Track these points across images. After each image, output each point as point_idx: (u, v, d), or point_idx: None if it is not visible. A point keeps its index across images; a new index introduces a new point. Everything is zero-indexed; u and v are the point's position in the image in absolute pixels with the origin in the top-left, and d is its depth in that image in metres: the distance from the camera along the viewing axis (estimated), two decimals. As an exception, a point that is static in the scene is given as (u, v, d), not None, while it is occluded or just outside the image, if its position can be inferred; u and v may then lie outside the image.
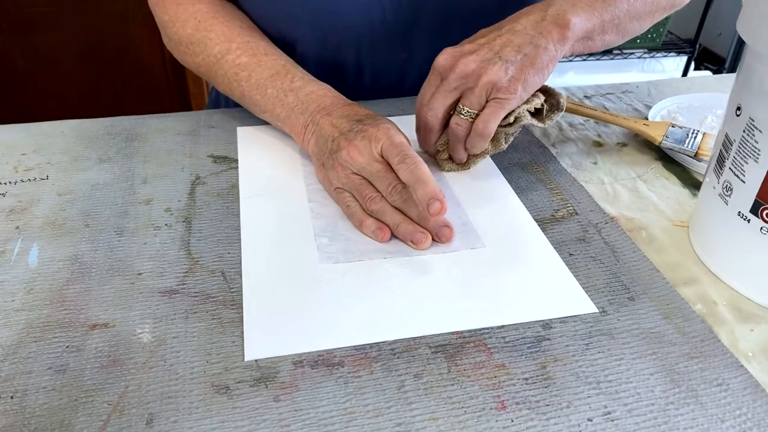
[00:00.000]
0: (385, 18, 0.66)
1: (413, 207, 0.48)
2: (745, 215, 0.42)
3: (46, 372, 0.37)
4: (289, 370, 0.38)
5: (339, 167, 0.51)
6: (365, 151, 0.50)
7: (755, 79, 0.40)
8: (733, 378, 0.38)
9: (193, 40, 0.63)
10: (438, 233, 0.48)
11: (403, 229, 0.48)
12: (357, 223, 0.50)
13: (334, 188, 0.52)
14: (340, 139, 0.52)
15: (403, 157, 0.48)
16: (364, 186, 0.50)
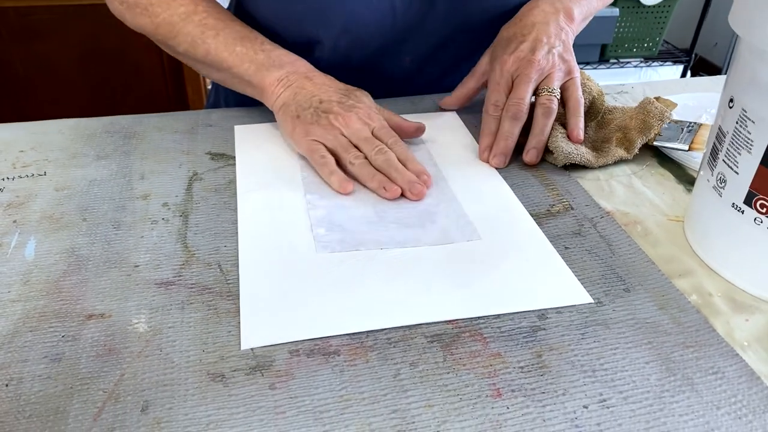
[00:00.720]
0: (396, 22, 0.67)
1: (396, 170, 0.53)
2: (739, 206, 0.43)
3: (41, 360, 0.37)
4: (285, 359, 0.38)
5: (329, 126, 0.55)
6: (360, 122, 0.55)
7: (747, 71, 0.41)
8: (728, 366, 0.38)
9: (153, 1, 0.63)
10: (410, 189, 0.52)
11: (378, 178, 0.53)
12: (327, 172, 0.53)
13: (311, 139, 0.55)
14: (332, 103, 0.56)
15: (396, 140, 0.56)
16: (351, 147, 0.55)
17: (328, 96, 0.57)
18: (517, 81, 0.59)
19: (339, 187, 0.52)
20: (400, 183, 0.52)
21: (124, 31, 1.78)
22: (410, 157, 0.55)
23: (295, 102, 0.57)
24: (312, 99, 0.57)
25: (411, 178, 0.53)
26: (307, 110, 0.56)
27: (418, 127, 0.61)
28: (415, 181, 0.52)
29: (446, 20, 0.68)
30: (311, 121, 0.55)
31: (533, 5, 0.64)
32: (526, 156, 0.58)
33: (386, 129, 0.57)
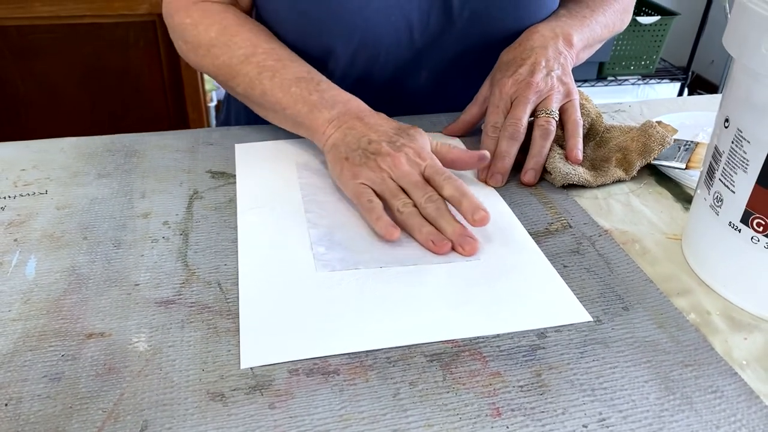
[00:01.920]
0: (413, 38, 0.68)
1: (446, 221, 0.50)
2: (736, 225, 0.43)
3: (41, 380, 0.37)
4: (284, 378, 0.38)
5: (377, 169, 0.52)
6: (410, 164, 0.53)
7: (742, 91, 0.41)
8: (727, 385, 0.38)
9: (216, 42, 0.64)
10: (462, 243, 0.49)
11: (427, 230, 0.49)
12: (374, 217, 0.50)
13: (359, 182, 0.52)
14: (382, 143, 0.53)
15: (448, 176, 0.52)
16: (400, 192, 0.52)
17: (378, 136, 0.54)
18: (515, 102, 0.60)
19: (385, 233, 0.49)
20: (450, 235, 0.49)
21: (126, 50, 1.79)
22: (465, 192, 0.51)
23: (345, 143, 0.55)
24: (361, 140, 0.54)
25: (464, 231, 0.49)
26: (356, 151, 0.54)
27: (481, 156, 0.57)
28: (466, 235, 0.49)
29: (464, 38, 0.69)
30: (359, 163, 0.53)
31: (533, 30, 0.65)
32: (524, 177, 0.59)
33: (438, 168, 0.53)
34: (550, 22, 0.67)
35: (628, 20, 0.76)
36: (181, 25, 0.66)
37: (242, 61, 0.62)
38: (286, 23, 0.68)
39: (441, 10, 0.66)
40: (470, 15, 0.67)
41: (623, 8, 0.74)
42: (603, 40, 0.72)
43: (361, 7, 0.64)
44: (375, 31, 0.66)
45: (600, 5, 0.71)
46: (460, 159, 0.57)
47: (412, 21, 0.66)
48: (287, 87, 0.60)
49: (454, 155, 0.57)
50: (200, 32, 0.65)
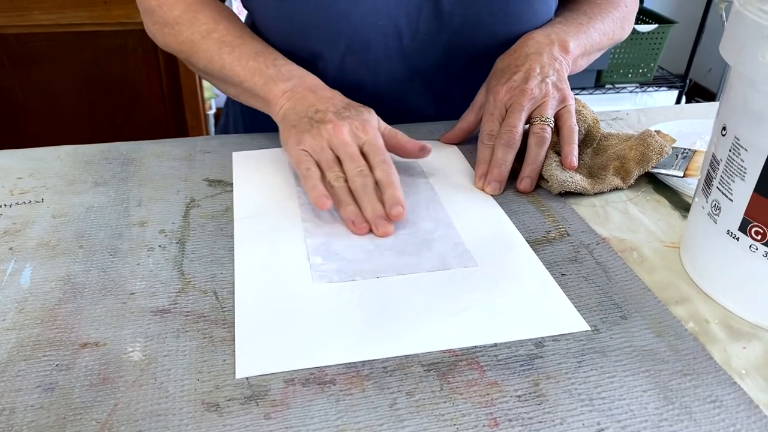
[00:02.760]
0: (402, 43, 0.68)
1: (368, 199, 0.52)
2: (734, 233, 0.43)
3: (34, 390, 0.37)
4: (280, 388, 0.37)
5: (318, 135, 0.54)
6: (350, 135, 0.55)
7: (739, 100, 0.41)
8: (726, 395, 0.38)
9: (179, 20, 0.65)
10: (376, 224, 0.51)
11: (351, 209, 0.52)
12: (310, 185, 0.52)
13: (300, 149, 0.55)
14: (327, 113, 0.55)
15: (383, 159, 0.54)
16: (335, 164, 0.54)
17: (326, 106, 0.57)
18: (510, 110, 0.60)
19: (315, 202, 0.52)
20: (368, 215, 0.51)
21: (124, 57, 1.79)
22: (392, 181, 0.53)
23: (294, 112, 0.57)
24: (309, 109, 0.57)
25: (380, 213, 0.51)
26: (303, 119, 0.56)
27: (423, 146, 0.59)
28: (382, 216, 0.51)
29: (455, 45, 0.69)
30: (303, 130, 0.55)
31: (528, 37, 0.65)
32: (520, 184, 0.59)
33: (377, 146, 0.55)
34: (545, 29, 0.67)
35: (629, 29, 0.76)
36: (149, 7, 0.68)
37: (204, 36, 0.64)
38: (274, 27, 0.68)
39: (431, 16, 0.66)
40: (460, 21, 0.67)
41: (623, 17, 0.73)
42: (602, 48, 0.72)
43: (348, 11, 0.64)
44: (362, 36, 0.66)
45: (598, 13, 0.71)
46: (401, 146, 0.58)
47: (401, 27, 0.67)
48: (245, 61, 0.62)
49: (398, 140, 0.58)
50: (165, 12, 0.66)
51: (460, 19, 0.67)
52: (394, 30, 0.66)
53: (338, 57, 0.68)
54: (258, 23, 0.70)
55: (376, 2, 0.64)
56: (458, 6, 0.66)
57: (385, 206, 0.52)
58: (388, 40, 0.67)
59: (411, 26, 0.67)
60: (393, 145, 0.58)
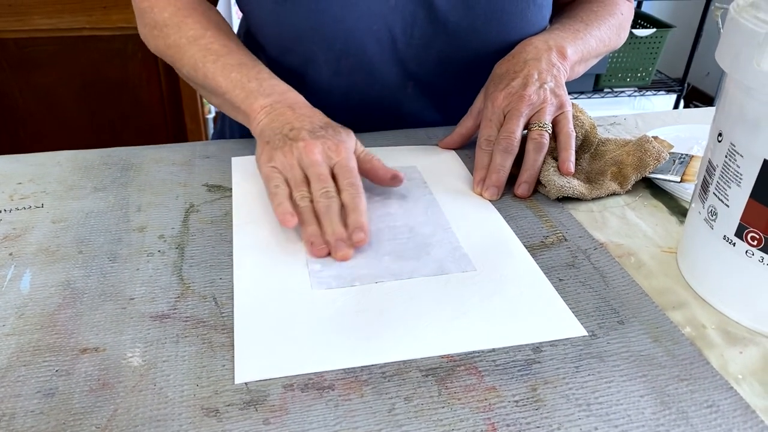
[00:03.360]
0: (397, 48, 0.68)
1: (330, 221, 0.50)
2: (731, 239, 0.43)
3: (34, 396, 0.37)
4: (279, 394, 0.38)
5: (289, 153, 0.53)
6: (321, 154, 0.53)
7: (735, 106, 0.42)
8: (723, 400, 0.38)
9: (168, 23, 0.65)
10: (336, 247, 0.49)
11: (312, 230, 0.50)
12: (276, 203, 0.52)
13: (271, 165, 0.54)
14: (302, 131, 0.55)
15: (351, 183, 0.53)
16: (303, 183, 0.53)
17: (301, 124, 0.56)
18: (508, 115, 0.60)
19: (280, 219, 0.50)
20: (329, 237, 0.50)
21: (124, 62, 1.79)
22: (357, 206, 0.51)
23: (270, 128, 0.57)
24: (285, 126, 0.56)
25: (341, 235, 0.49)
26: (277, 136, 0.55)
27: (395, 175, 0.57)
28: (342, 239, 0.49)
29: (449, 50, 0.69)
30: (276, 147, 0.54)
31: (527, 43, 0.65)
32: (517, 190, 0.59)
33: (347, 168, 0.53)
34: (543, 35, 0.67)
35: (624, 36, 0.77)
36: (140, 9, 0.68)
37: (190, 42, 0.63)
38: (270, 30, 0.68)
39: (425, 22, 0.67)
40: (455, 28, 0.67)
41: (619, 24, 0.74)
42: (599, 54, 0.73)
43: (342, 16, 0.64)
44: (357, 40, 0.66)
45: (594, 20, 0.71)
46: (374, 171, 0.57)
47: (396, 32, 0.67)
48: (228, 72, 0.61)
49: (371, 165, 0.57)
50: (155, 13, 0.66)
51: (455, 26, 0.67)
52: (389, 35, 0.67)
53: (333, 61, 0.68)
54: (253, 26, 0.70)
55: (371, 7, 0.64)
56: (452, 13, 0.66)
57: (347, 230, 0.50)
58: (383, 45, 0.68)
59: (406, 32, 0.67)
60: (366, 169, 0.57)
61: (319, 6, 0.63)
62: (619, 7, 0.75)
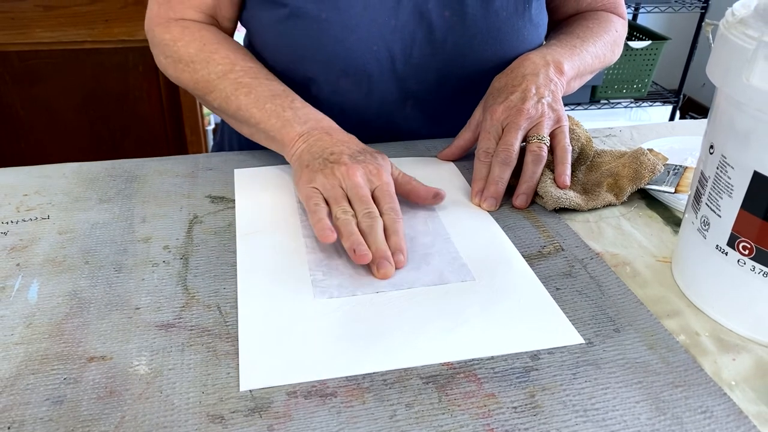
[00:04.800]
0: (395, 68, 0.70)
1: (375, 239, 0.51)
2: (723, 248, 0.44)
3: (43, 403, 0.38)
4: (283, 401, 0.38)
5: (331, 176, 0.55)
6: (362, 178, 0.55)
7: (725, 119, 0.43)
8: (716, 406, 0.39)
9: (195, 58, 0.66)
10: (378, 264, 0.50)
11: (355, 238, 0.50)
12: (315, 219, 0.53)
13: (311, 186, 0.55)
14: (343, 155, 0.56)
15: (392, 207, 0.54)
16: (344, 200, 0.54)
17: (341, 149, 0.57)
18: (507, 128, 0.61)
19: (320, 235, 0.51)
20: (373, 251, 0.50)
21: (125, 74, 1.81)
22: (398, 230, 0.52)
23: (309, 153, 0.58)
24: (324, 150, 0.57)
25: (385, 254, 0.50)
26: (317, 160, 0.57)
27: (437, 193, 0.59)
28: (386, 258, 0.50)
29: (447, 69, 0.71)
30: (317, 170, 0.56)
31: (525, 57, 0.67)
32: (516, 201, 0.60)
33: (388, 193, 0.55)
34: (541, 50, 0.69)
35: (619, 53, 0.78)
36: (162, 40, 0.69)
37: (220, 76, 0.65)
38: (272, 49, 0.70)
39: (424, 42, 0.68)
40: (453, 48, 0.68)
41: (613, 41, 0.76)
42: (594, 70, 0.74)
43: (343, 36, 0.66)
44: (357, 60, 0.68)
45: (590, 36, 0.73)
46: (415, 192, 0.59)
47: (395, 52, 0.68)
48: (262, 103, 0.63)
49: (411, 187, 0.59)
50: (179, 48, 0.67)
51: (453, 46, 0.68)
52: (388, 55, 0.68)
53: (333, 80, 0.70)
54: (256, 44, 0.72)
55: (371, 29, 0.66)
56: (451, 33, 0.67)
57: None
58: (382, 65, 0.69)
59: (405, 52, 0.68)
60: (407, 191, 0.58)
61: (320, 26, 0.65)
62: (613, 24, 0.77)
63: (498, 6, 0.67)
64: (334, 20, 0.65)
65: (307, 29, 0.65)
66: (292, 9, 0.65)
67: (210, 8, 0.70)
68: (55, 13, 1.59)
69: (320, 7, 0.64)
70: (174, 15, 0.69)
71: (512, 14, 0.68)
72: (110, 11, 1.61)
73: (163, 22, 0.69)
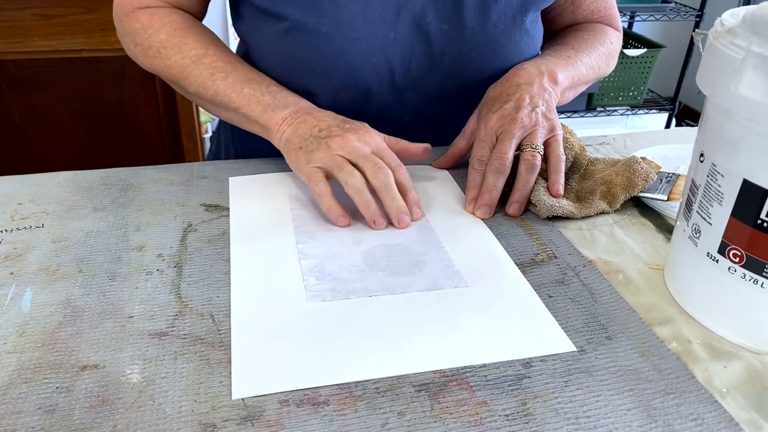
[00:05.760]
0: (394, 80, 0.70)
1: (392, 196, 0.56)
2: (714, 256, 0.44)
3: (35, 412, 0.38)
4: (275, 409, 0.38)
5: (327, 149, 0.58)
6: (359, 141, 0.58)
7: (715, 128, 0.43)
8: (708, 413, 0.39)
9: (166, 44, 0.67)
10: (399, 219, 0.57)
11: (372, 210, 0.56)
12: (325, 206, 0.56)
13: (311, 165, 0.58)
14: (332, 128, 0.59)
15: (399, 163, 0.59)
16: (346, 164, 0.57)
17: (328, 124, 0.60)
18: (501, 137, 0.62)
19: (334, 222, 0.56)
20: (392, 211, 0.56)
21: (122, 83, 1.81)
22: (411, 186, 0.58)
23: (297, 135, 0.60)
24: (312, 129, 0.60)
25: (403, 208, 0.56)
26: (308, 140, 0.59)
27: (426, 148, 0.64)
28: (405, 212, 0.56)
29: (445, 81, 0.71)
30: (312, 149, 0.58)
31: (519, 67, 0.67)
32: (509, 209, 0.60)
33: (387, 151, 0.59)
34: (536, 60, 0.69)
35: (613, 65, 0.79)
36: (131, 29, 0.69)
37: (194, 61, 0.66)
38: (271, 61, 0.70)
39: (422, 54, 0.68)
40: (451, 60, 0.69)
41: (608, 52, 0.76)
42: (588, 81, 0.74)
43: (343, 50, 0.66)
44: (356, 73, 0.68)
45: (585, 47, 0.73)
46: (407, 150, 0.63)
47: (394, 64, 0.69)
48: (240, 88, 0.64)
49: (402, 146, 0.63)
50: (150, 35, 0.68)
51: (450, 58, 0.69)
52: (387, 67, 0.69)
53: (332, 92, 0.70)
54: (253, 56, 0.72)
55: (371, 42, 0.66)
56: (449, 46, 0.68)
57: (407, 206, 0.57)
58: (381, 77, 0.69)
59: (404, 64, 0.69)
60: (399, 149, 0.62)
61: (320, 40, 0.65)
62: (608, 36, 0.77)
63: (495, 19, 0.67)
64: (335, 34, 0.65)
65: (307, 43, 0.66)
66: (292, 22, 0.65)
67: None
68: (52, 22, 1.59)
69: (321, 21, 0.64)
70: (139, 3, 0.69)
71: (509, 27, 0.68)
72: (107, 20, 1.61)
73: (129, 11, 0.69)
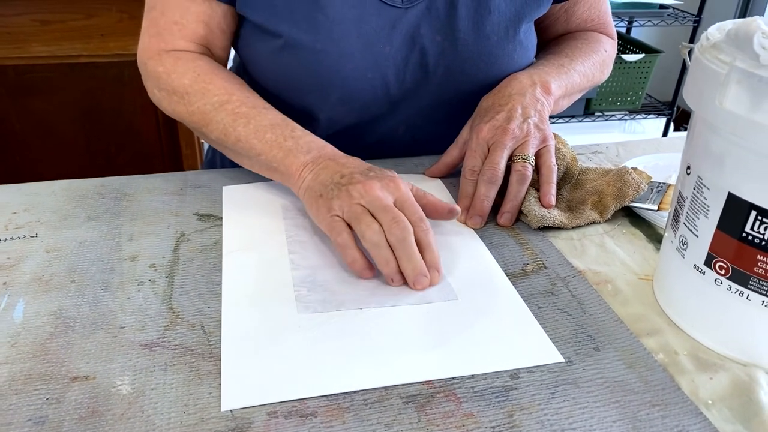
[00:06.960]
0: (389, 94, 0.70)
1: (408, 257, 0.50)
2: (700, 268, 0.45)
3: (25, 424, 0.38)
4: (263, 421, 0.39)
5: (348, 197, 0.53)
6: (382, 190, 0.53)
7: (701, 141, 0.44)
8: (692, 425, 0.39)
9: (190, 90, 0.65)
10: (415, 281, 0.50)
11: (392, 267, 0.51)
12: (349, 259, 0.51)
13: (332, 215, 0.53)
14: (354, 174, 0.55)
15: (421, 218, 0.53)
16: (365, 214, 0.52)
17: (350, 170, 0.56)
18: (492, 147, 0.62)
19: (359, 275, 0.51)
20: (407, 272, 0.50)
21: (120, 89, 1.82)
22: (431, 243, 0.52)
23: (318, 182, 0.56)
24: (334, 176, 0.56)
25: (419, 269, 0.50)
26: (328, 187, 0.55)
27: (452, 209, 0.58)
28: (422, 273, 0.50)
29: (439, 92, 0.71)
30: (332, 196, 0.54)
31: (512, 77, 0.68)
32: (500, 219, 0.61)
33: (411, 203, 0.53)
34: (528, 70, 0.70)
35: (608, 73, 0.79)
36: (155, 73, 0.67)
37: (216, 108, 0.63)
38: (268, 78, 0.70)
39: (416, 67, 0.69)
40: (444, 72, 0.69)
41: (602, 60, 0.76)
42: (583, 89, 0.75)
43: (339, 66, 0.66)
44: (352, 88, 0.68)
45: (579, 56, 0.74)
46: (432, 205, 0.57)
47: (389, 78, 0.69)
48: (262, 134, 0.61)
49: (428, 200, 0.57)
50: (173, 80, 0.66)
51: (444, 70, 0.69)
52: (383, 81, 0.69)
53: (328, 107, 0.70)
54: (250, 72, 0.72)
55: (366, 57, 0.67)
56: (442, 58, 0.68)
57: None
58: (377, 91, 0.70)
59: (398, 77, 0.69)
60: (423, 204, 0.56)
61: (316, 57, 0.65)
62: (602, 44, 0.77)
63: (489, 30, 0.68)
64: (330, 50, 0.65)
65: (302, 60, 0.66)
66: (287, 40, 0.65)
67: (202, 38, 0.68)
68: (51, 28, 1.60)
69: (315, 38, 0.65)
70: (166, 46, 0.68)
71: (503, 38, 0.69)
72: (106, 26, 1.62)
73: (155, 54, 0.68)
